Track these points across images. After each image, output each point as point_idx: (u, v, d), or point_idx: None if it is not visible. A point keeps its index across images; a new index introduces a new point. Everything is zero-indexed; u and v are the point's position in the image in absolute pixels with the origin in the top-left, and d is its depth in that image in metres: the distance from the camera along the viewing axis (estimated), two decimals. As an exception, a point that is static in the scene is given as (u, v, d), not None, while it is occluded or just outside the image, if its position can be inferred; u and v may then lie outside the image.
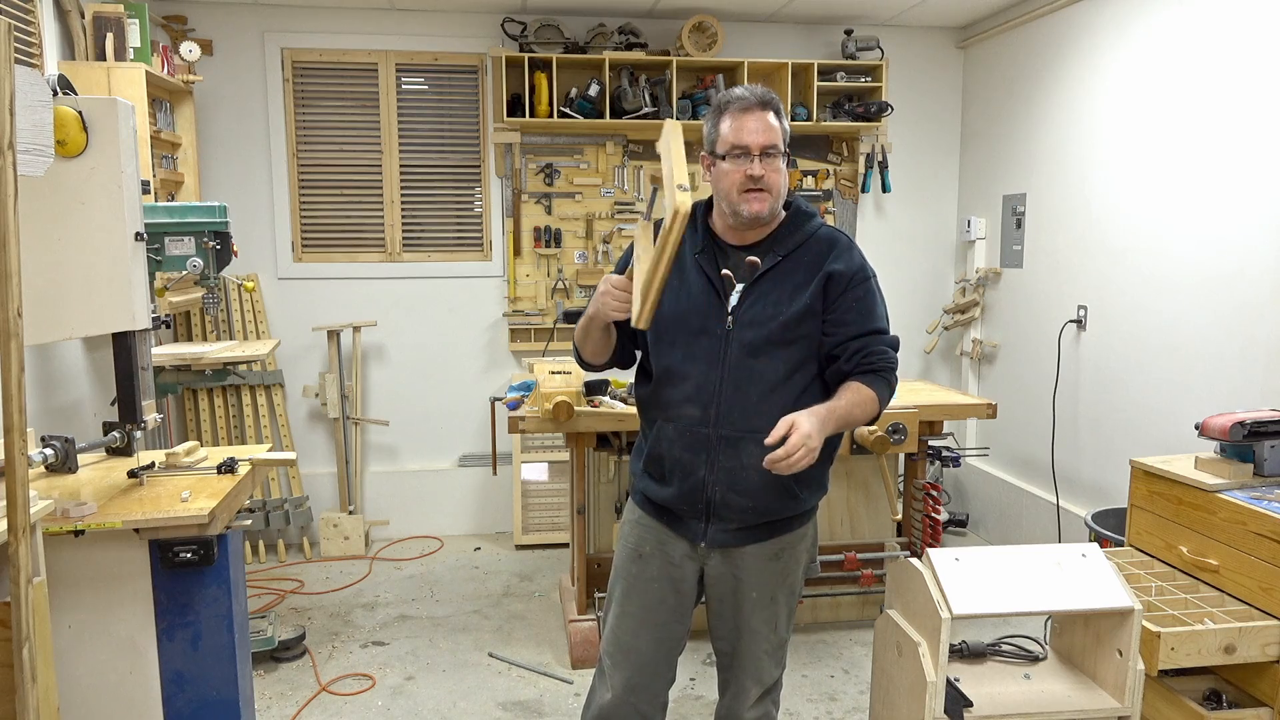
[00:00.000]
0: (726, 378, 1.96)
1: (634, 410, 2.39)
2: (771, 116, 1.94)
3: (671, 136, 1.77)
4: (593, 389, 3.44)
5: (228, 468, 2.32)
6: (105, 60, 3.53)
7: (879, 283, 2.04)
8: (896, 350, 2.02)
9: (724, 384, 1.96)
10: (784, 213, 2.04)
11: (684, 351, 2.01)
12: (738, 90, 1.97)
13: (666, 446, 2.02)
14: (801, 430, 1.75)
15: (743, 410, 1.95)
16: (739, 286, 1.98)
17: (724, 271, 1.99)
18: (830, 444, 1.97)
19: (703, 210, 2.08)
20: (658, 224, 1.78)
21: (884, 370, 1.97)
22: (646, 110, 4.47)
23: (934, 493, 3.68)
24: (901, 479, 3.79)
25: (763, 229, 2.01)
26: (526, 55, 4.39)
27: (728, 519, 2.00)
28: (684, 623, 2.13)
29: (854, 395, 1.92)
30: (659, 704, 2.16)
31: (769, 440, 1.77)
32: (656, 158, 4.74)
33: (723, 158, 1.94)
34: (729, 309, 1.97)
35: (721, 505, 1.98)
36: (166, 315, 2.74)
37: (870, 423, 2.02)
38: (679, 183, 1.68)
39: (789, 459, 1.74)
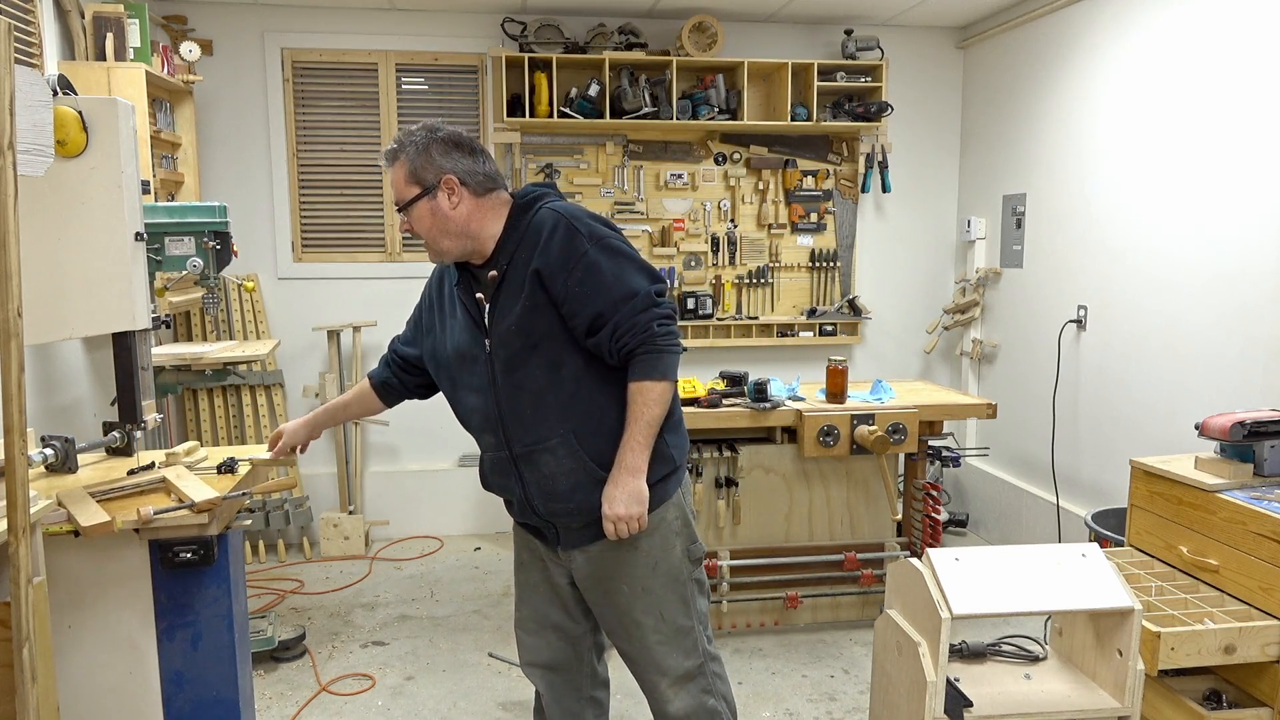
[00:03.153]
0: (500, 399, 1.94)
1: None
2: (396, 170, 1.92)
3: None
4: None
5: (228, 468, 2.33)
6: (105, 60, 3.53)
7: (608, 240, 1.89)
8: (652, 302, 1.87)
9: (500, 406, 1.95)
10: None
11: (463, 385, 2.02)
12: None
13: (488, 474, 2.08)
14: (615, 514, 1.87)
15: (522, 426, 1.94)
16: (488, 307, 1.95)
17: (478, 295, 1.96)
18: (605, 414, 1.93)
19: None
20: None
21: (642, 344, 1.86)
22: (646, 110, 4.47)
23: (934, 493, 3.68)
24: (901, 479, 3.79)
25: (488, 241, 1.94)
26: (526, 55, 4.39)
27: (565, 524, 2.01)
28: (580, 622, 2.17)
29: (636, 405, 1.88)
30: (583, 699, 2.23)
31: (608, 536, 1.92)
32: (656, 157, 4.79)
33: None
34: (485, 333, 1.94)
35: (549, 515, 2.00)
36: (166, 315, 2.74)
37: (669, 400, 1.91)
38: None
39: (627, 530, 1.89)
